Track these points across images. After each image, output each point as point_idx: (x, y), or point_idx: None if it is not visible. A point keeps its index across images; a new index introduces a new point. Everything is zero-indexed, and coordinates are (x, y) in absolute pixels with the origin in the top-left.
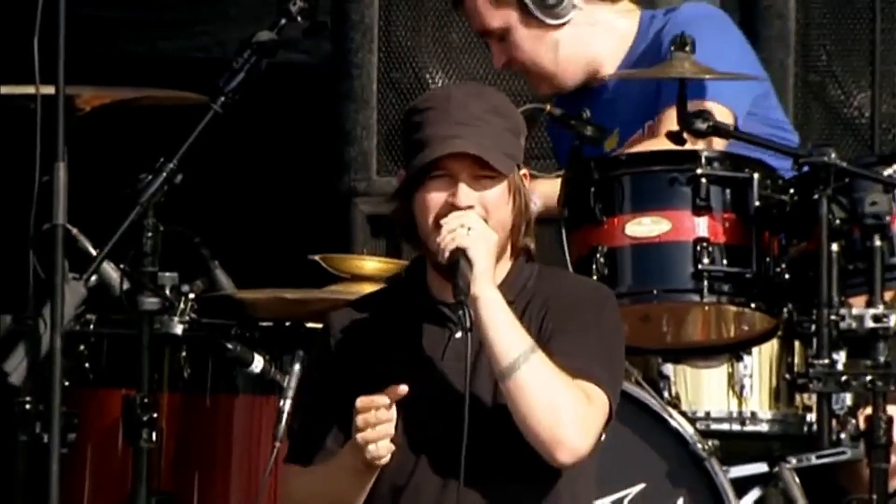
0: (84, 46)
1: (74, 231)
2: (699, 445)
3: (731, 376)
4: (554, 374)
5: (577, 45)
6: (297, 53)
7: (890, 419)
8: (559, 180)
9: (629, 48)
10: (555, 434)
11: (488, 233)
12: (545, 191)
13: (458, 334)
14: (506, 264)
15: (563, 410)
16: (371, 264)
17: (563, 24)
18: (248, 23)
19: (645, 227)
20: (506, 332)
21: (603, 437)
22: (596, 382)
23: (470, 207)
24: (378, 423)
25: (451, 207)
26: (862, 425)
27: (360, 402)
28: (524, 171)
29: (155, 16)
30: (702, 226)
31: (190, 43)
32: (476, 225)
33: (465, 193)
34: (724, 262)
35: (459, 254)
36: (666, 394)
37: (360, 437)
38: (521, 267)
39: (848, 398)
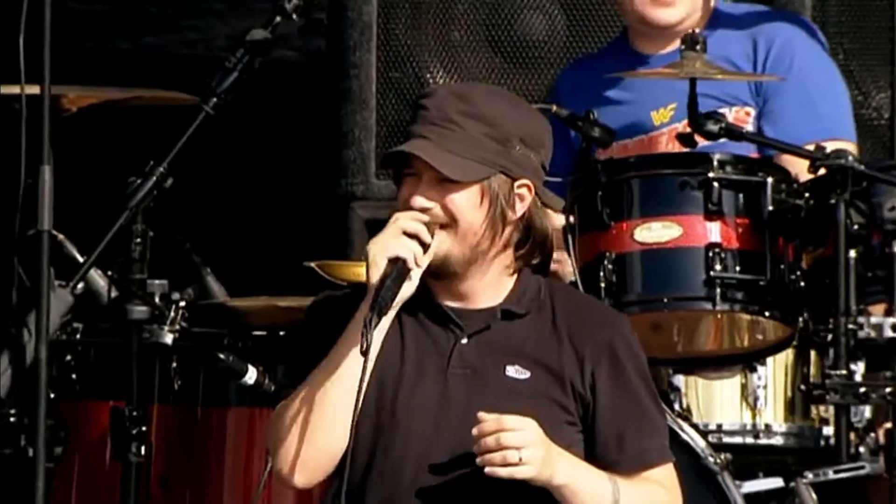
0: (65, 42)
1: (60, 237)
2: (711, 459)
3: (744, 387)
4: (642, 495)
5: None
6: (291, 52)
7: None
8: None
9: (706, 23)
10: None
11: (539, 449)
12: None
13: (465, 340)
14: (505, 279)
15: None
16: None
17: None
18: (235, 18)
19: (655, 232)
20: (590, 486)
21: None
22: (659, 463)
23: (427, 210)
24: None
25: (409, 206)
26: (881, 439)
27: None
28: (522, 181)
29: (139, 10)
30: (714, 231)
31: (174, 38)
32: (525, 451)
33: (419, 198)
34: (738, 268)
35: (397, 264)
36: (677, 406)
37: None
38: (528, 278)
39: (867, 410)
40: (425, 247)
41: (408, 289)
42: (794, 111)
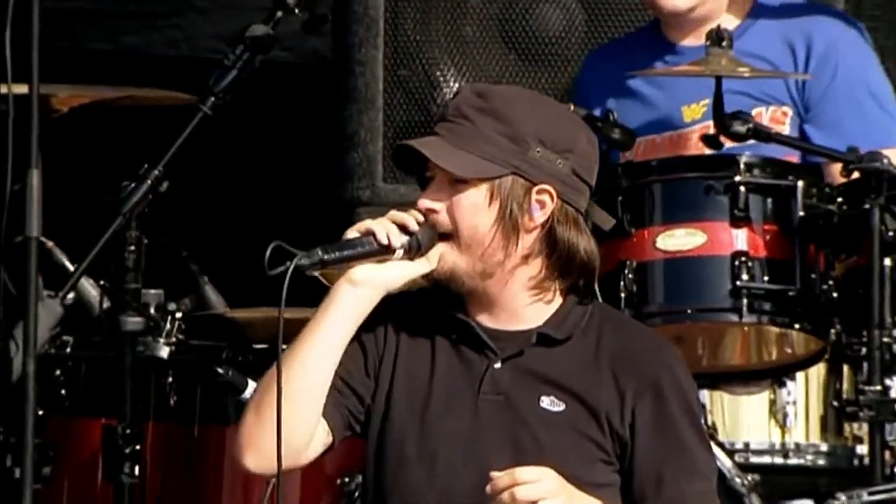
0: (42, 43)
1: (49, 244)
2: (738, 480)
3: (773, 404)
4: None
5: None
6: (284, 52)
7: None
8: None
9: (745, 15)
10: None
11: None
12: None
13: (497, 365)
14: (548, 300)
15: None
16: None
17: None
18: (221, 16)
19: (678, 239)
20: None
21: None
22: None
23: (432, 211)
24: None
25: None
26: None
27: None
28: (543, 187)
29: (117, 8)
30: (740, 238)
31: (156, 38)
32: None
33: (426, 196)
34: (766, 278)
35: (366, 237)
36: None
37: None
38: (572, 304)
39: None
40: (411, 235)
41: (383, 276)
42: (846, 119)
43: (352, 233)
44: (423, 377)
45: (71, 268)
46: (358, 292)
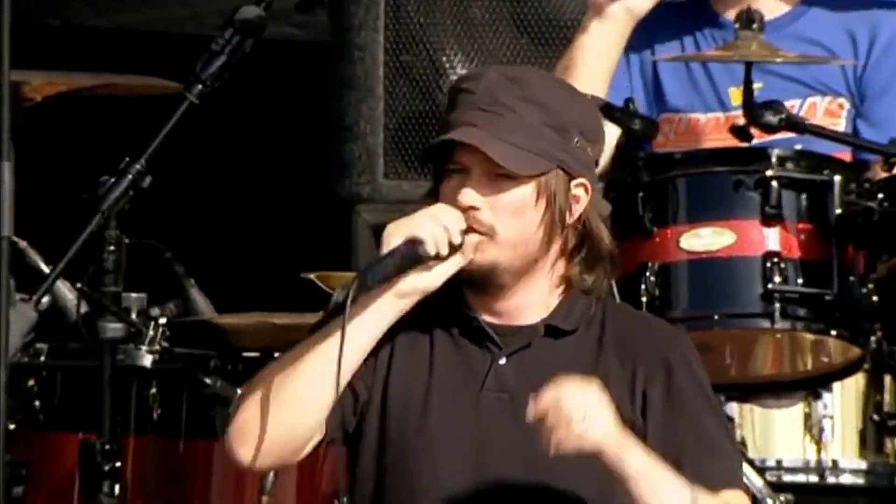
0: (30, 20)
1: (22, 244)
2: (770, 501)
3: (807, 418)
4: None
5: None
6: (293, 28)
7: None
8: None
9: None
10: None
11: (606, 412)
12: None
13: (502, 360)
14: (554, 293)
15: None
16: None
17: None
18: None
19: (704, 239)
20: (667, 485)
21: None
22: (732, 484)
23: (474, 209)
24: None
25: (455, 206)
26: None
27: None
28: (580, 180)
29: None
30: (772, 238)
31: (158, 16)
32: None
33: (468, 192)
34: (800, 280)
35: (414, 245)
36: None
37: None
38: (576, 296)
39: None
40: (453, 248)
41: (425, 282)
42: None
43: (394, 238)
44: (421, 376)
45: (46, 269)
46: (402, 303)
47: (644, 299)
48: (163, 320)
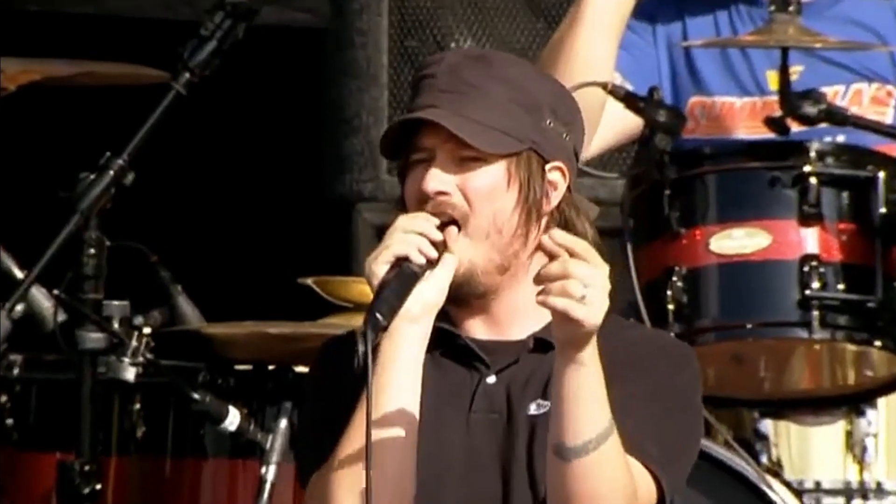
0: (10, 6)
1: None
2: None
3: (849, 436)
4: (619, 465)
5: None
6: (300, 13)
7: None
8: None
9: None
10: None
11: (605, 297)
12: None
13: (490, 379)
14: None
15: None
16: None
17: None
18: None
19: (736, 241)
20: (589, 407)
21: None
22: (646, 464)
23: (443, 194)
24: None
25: (423, 195)
26: None
27: None
28: (555, 164)
29: None
30: (811, 240)
31: (148, 0)
32: (592, 288)
33: (434, 176)
34: (840, 286)
35: (399, 266)
36: (764, 458)
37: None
38: None
39: None
40: (438, 248)
41: (431, 295)
42: None
43: (379, 267)
44: None
45: (20, 275)
46: (422, 328)
47: (670, 307)
48: (147, 330)
